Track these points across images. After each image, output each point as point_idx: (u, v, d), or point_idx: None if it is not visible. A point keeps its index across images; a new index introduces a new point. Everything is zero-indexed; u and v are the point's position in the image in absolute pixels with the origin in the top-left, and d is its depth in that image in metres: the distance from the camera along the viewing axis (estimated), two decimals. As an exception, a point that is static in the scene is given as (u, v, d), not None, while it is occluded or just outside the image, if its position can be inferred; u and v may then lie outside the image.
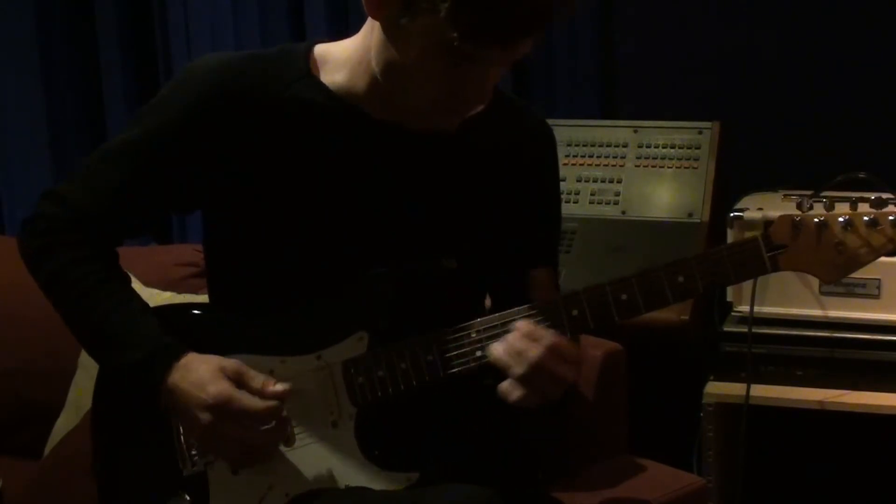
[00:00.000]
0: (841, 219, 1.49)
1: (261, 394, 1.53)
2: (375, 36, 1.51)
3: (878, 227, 1.48)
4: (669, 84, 2.83)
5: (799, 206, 1.50)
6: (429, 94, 1.50)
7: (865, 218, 1.49)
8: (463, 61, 1.44)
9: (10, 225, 3.41)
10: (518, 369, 1.48)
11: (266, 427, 1.53)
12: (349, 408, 1.57)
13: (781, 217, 1.51)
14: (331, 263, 1.60)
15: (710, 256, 1.52)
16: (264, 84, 1.59)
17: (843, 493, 2.66)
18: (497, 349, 1.50)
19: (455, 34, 1.40)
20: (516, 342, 1.49)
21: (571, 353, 1.50)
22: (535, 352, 1.47)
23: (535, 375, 1.48)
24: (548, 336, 1.49)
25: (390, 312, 1.57)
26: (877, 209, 1.48)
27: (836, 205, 1.50)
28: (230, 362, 1.56)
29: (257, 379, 1.55)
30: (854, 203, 1.49)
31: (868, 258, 1.50)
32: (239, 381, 1.54)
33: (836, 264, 1.50)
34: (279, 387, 1.55)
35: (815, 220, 1.50)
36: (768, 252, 1.50)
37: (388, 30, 1.47)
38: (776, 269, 1.51)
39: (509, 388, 1.49)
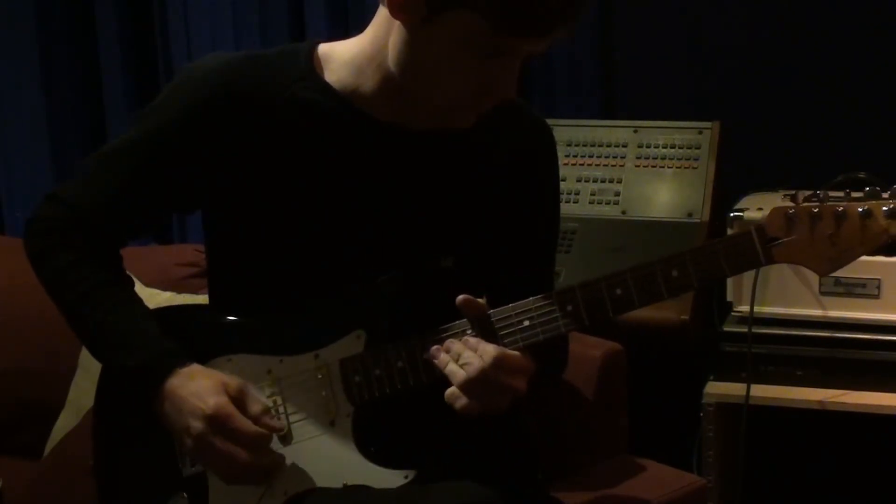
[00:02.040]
0: (835, 210, 1.47)
1: (255, 420, 1.54)
2: (396, 35, 1.49)
3: (872, 219, 1.45)
4: (669, 84, 2.83)
5: (793, 199, 1.49)
6: (456, 90, 1.49)
7: (860, 209, 1.46)
8: (498, 53, 1.43)
9: (10, 225, 3.41)
10: (459, 377, 1.48)
11: (252, 452, 1.53)
12: (347, 406, 1.57)
13: (775, 209, 1.49)
14: (331, 263, 1.60)
15: (704, 249, 1.51)
16: (266, 84, 1.59)
17: (843, 493, 2.66)
18: (439, 355, 1.50)
19: (491, 26, 1.39)
20: (463, 351, 1.49)
21: (517, 364, 1.50)
22: (477, 363, 1.47)
23: (476, 386, 1.48)
24: (491, 350, 1.48)
25: (389, 311, 1.57)
26: (870, 200, 1.46)
27: (830, 195, 1.48)
28: (233, 380, 1.56)
29: (256, 405, 1.55)
30: (848, 195, 1.47)
31: (862, 250, 1.47)
32: (238, 401, 1.54)
33: (831, 256, 1.48)
34: (274, 422, 1.55)
35: (809, 212, 1.47)
36: (762, 244, 1.48)
37: (413, 28, 1.46)
38: (770, 261, 1.49)
39: (454, 396, 1.49)
